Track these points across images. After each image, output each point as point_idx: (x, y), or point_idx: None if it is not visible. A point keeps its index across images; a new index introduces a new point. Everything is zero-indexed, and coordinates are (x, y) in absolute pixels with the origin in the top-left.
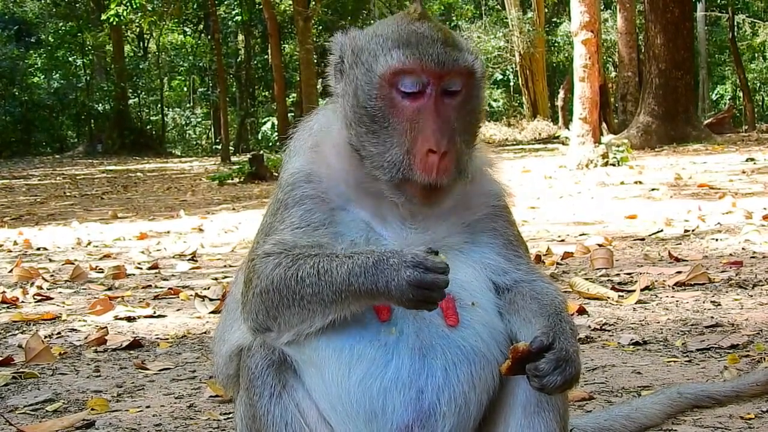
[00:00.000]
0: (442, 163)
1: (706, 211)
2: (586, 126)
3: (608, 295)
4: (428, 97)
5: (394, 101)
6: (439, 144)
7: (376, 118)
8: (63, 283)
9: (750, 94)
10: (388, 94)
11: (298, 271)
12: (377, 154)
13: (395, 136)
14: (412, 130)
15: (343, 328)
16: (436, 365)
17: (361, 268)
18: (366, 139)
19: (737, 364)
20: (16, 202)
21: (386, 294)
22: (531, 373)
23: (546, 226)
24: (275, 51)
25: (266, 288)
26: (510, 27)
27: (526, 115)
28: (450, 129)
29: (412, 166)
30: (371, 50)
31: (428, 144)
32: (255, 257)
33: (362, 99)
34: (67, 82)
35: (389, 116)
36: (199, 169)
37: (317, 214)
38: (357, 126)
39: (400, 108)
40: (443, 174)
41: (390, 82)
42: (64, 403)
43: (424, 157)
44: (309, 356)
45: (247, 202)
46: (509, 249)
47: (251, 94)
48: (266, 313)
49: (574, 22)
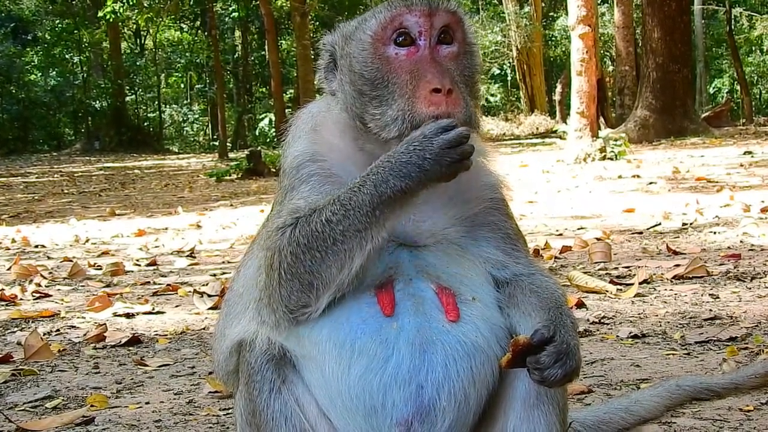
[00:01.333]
0: (449, 99)
1: (704, 205)
2: (583, 120)
3: (607, 289)
4: (423, 48)
5: (389, 58)
6: (442, 81)
7: (375, 81)
8: (61, 280)
9: (747, 88)
10: (383, 53)
11: (321, 216)
12: (381, 114)
13: (396, 91)
14: (412, 80)
15: (343, 323)
16: (436, 360)
17: (386, 170)
18: (369, 107)
19: (736, 357)
20: (14, 199)
21: (423, 175)
22: (532, 366)
23: (544, 220)
24: (272, 47)
25: (293, 253)
26: (507, 21)
27: (524, 109)
28: (450, 73)
29: (419, 108)
30: (360, 25)
31: (431, 84)
32: (270, 236)
33: (358, 68)
34: (64, 80)
35: (388, 74)
36: (197, 166)
37: (326, 186)
38: (358, 98)
39: (397, 63)
40: (454, 106)
41: (382, 39)
42: (64, 400)
43: (429, 96)
44: (309, 351)
45: (245, 198)
46: (508, 243)
47: (248, 91)
48: (300, 284)
49: (572, 17)
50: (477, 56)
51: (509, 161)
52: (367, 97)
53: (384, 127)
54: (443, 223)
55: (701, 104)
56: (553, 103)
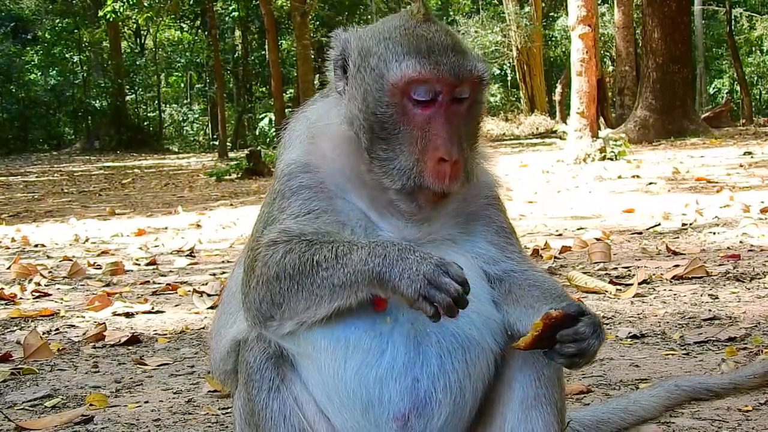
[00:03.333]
0: (453, 171)
1: (703, 205)
2: (583, 120)
3: (606, 289)
4: (439, 106)
5: (405, 109)
6: (451, 153)
7: (386, 125)
8: (61, 279)
9: (747, 88)
10: (400, 102)
11: (314, 255)
12: (387, 161)
13: (405, 143)
14: (422, 138)
15: (338, 320)
16: (431, 353)
17: (384, 250)
18: (376, 146)
19: (735, 357)
20: (14, 199)
21: (398, 280)
22: (568, 338)
23: (544, 220)
24: (272, 47)
25: (275, 274)
26: (507, 22)
27: (524, 109)
28: (459, 136)
29: (423, 174)
30: (381, 55)
31: (440, 153)
32: (259, 246)
33: (372, 105)
34: (64, 79)
35: (400, 124)
36: (197, 165)
37: (316, 202)
38: (367, 132)
39: (411, 116)
40: (454, 181)
41: (403, 91)
42: (63, 399)
43: (436, 165)
44: (305, 349)
45: (244, 197)
46: (501, 236)
47: (248, 90)
48: (271, 301)
49: (572, 17)
50: (485, 102)
51: (509, 161)
52: (375, 135)
53: (387, 175)
54: (440, 223)
55: (701, 104)
56: (553, 103)
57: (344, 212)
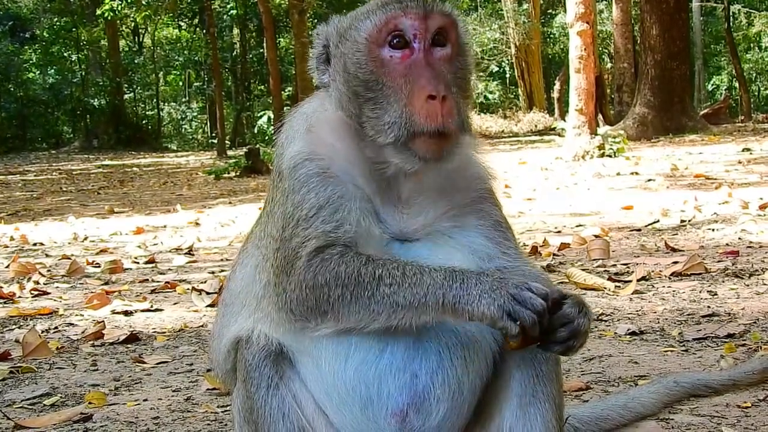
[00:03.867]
0: (444, 107)
1: (702, 202)
2: (582, 117)
3: (605, 286)
4: (418, 51)
5: (384, 61)
6: (437, 87)
7: (370, 83)
8: (60, 278)
9: (746, 85)
10: (378, 55)
11: (377, 270)
12: (376, 119)
13: (392, 94)
14: (407, 84)
15: None
16: (430, 349)
17: (462, 275)
18: (364, 109)
19: (734, 354)
20: (13, 197)
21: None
22: (558, 322)
23: (542, 217)
24: (270, 45)
25: (326, 281)
26: (505, 19)
27: (522, 107)
28: (444, 78)
29: (414, 117)
30: (355, 23)
31: (426, 90)
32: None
33: (353, 69)
34: (63, 78)
35: (382, 77)
36: (196, 164)
37: (329, 188)
38: (353, 99)
39: (392, 66)
40: (448, 117)
41: (377, 41)
42: (62, 397)
43: (425, 104)
44: (305, 346)
45: (243, 195)
46: (497, 230)
47: (247, 88)
48: (315, 306)
49: (570, 14)
50: (470, 56)
51: (508, 158)
52: (362, 98)
53: (380, 132)
54: (435, 216)
55: (700, 101)
56: (551, 100)
57: (354, 197)
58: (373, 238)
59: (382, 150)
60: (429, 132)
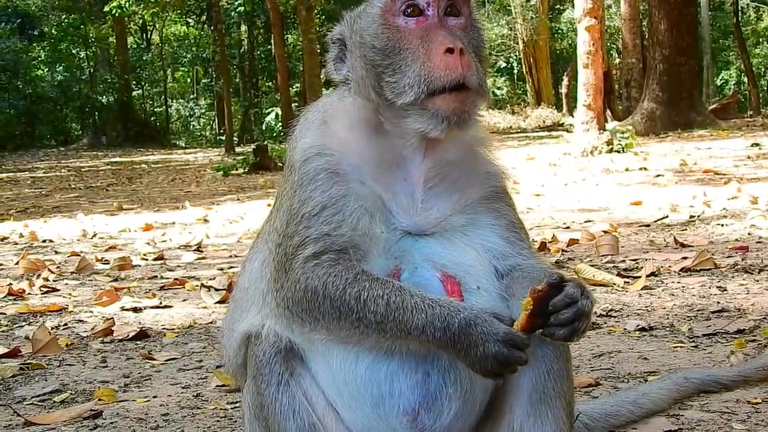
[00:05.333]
0: (462, 60)
1: (711, 197)
2: (590, 113)
3: (614, 282)
4: (432, 17)
5: (399, 28)
6: (454, 42)
7: (388, 49)
8: (69, 274)
9: (755, 79)
10: (393, 23)
11: (362, 293)
12: (396, 83)
13: (410, 56)
14: (424, 45)
15: None
16: None
17: (444, 323)
18: (383, 76)
19: (744, 349)
20: (22, 194)
21: (465, 357)
22: (561, 304)
23: (551, 213)
24: (278, 41)
25: (314, 288)
26: (513, 14)
27: (530, 102)
28: (459, 37)
29: (434, 71)
30: (370, 2)
31: (444, 44)
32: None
33: (369, 40)
34: (71, 75)
35: (400, 42)
36: (204, 160)
37: (335, 187)
38: (371, 71)
39: (408, 32)
40: (467, 69)
41: (392, 11)
42: (72, 394)
43: (443, 57)
44: (317, 345)
45: (251, 192)
46: (512, 231)
47: (255, 85)
48: (308, 310)
49: (578, 9)
50: (482, 30)
51: (516, 154)
52: (380, 67)
53: (400, 93)
54: (448, 211)
55: (708, 96)
56: (559, 95)
57: (363, 196)
58: (374, 239)
59: (402, 119)
60: (449, 85)
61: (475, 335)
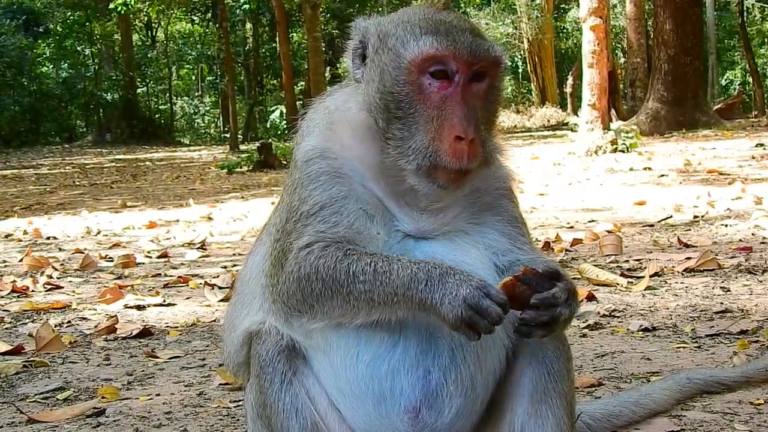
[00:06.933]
0: (471, 149)
1: (715, 197)
2: (595, 112)
3: (617, 282)
4: (456, 85)
5: (421, 87)
6: (467, 131)
7: (403, 104)
8: (73, 272)
9: (760, 80)
10: (416, 80)
11: (351, 266)
12: (402, 140)
13: (421, 122)
14: (439, 117)
15: None
16: (443, 345)
17: (426, 275)
18: (392, 126)
19: (747, 350)
20: (26, 191)
21: (439, 305)
22: (544, 302)
23: (555, 212)
24: (283, 39)
25: (307, 275)
26: (518, 13)
27: (535, 101)
28: (475, 116)
29: (439, 152)
30: (399, 36)
31: (456, 131)
32: (290, 245)
33: (389, 84)
34: (76, 72)
35: (416, 102)
36: (208, 158)
37: (336, 187)
38: (383, 113)
39: (428, 94)
40: (473, 159)
41: (419, 68)
42: (75, 392)
43: (453, 144)
44: (318, 342)
45: (256, 190)
46: (512, 226)
47: (259, 83)
48: (302, 300)
49: (583, 8)
50: (503, 90)
51: (520, 153)
52: (392, 114)
53: (403, 155)
54: (453, 215)
55: (713, 96)
56: (564, 95)
57: (363, 199)
58: (371, 239)
59: (401, 169)
60: (452, 168)
61: (452, 282)
